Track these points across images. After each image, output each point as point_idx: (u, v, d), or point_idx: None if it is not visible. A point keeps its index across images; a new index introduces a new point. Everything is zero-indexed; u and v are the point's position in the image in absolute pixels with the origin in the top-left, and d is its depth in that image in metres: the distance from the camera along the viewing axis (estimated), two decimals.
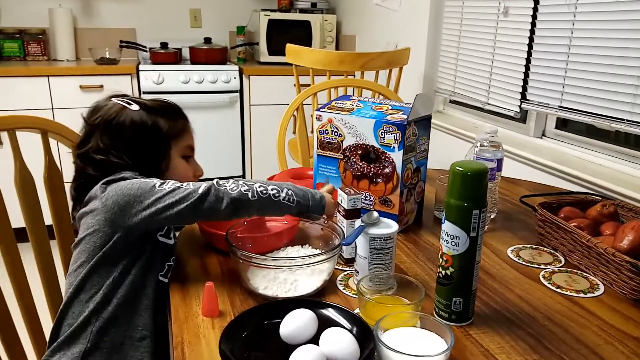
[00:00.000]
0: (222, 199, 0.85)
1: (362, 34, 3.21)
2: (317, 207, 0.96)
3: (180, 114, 1.05)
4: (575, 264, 1.00)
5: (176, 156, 1.01)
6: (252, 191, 0.87)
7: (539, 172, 1.76)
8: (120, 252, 0.87)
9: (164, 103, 1.03)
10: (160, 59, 3.06)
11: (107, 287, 0.86)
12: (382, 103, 1.19)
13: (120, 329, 0.86)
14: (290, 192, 0.92)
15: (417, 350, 0.64)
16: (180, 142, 1.02)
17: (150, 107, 0.99)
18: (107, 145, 0.94)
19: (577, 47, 1.65)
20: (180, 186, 0.86)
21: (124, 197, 0.85)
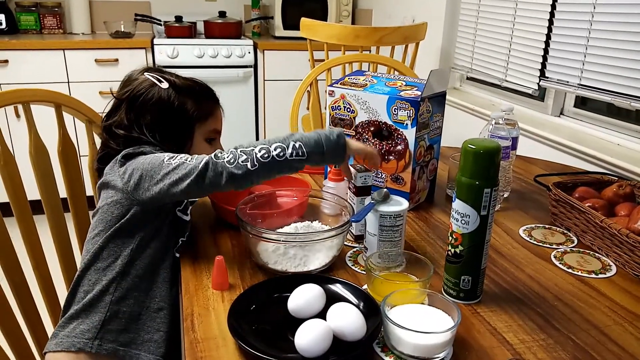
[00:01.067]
0: (221, 173, 0.82)
1: (379, 8, 3.15)
2: (336, 151, 0.87)
3: (211, 97, 1.03)
4: (588, 245, 0.99)
5: (199, 139, 1.00)
6: (252, 159, 0.82)
7: (556, 152, 1.73)
8: (138, 224, 0.88)
9: (196, 84, 1.02)
10: (175, 32, 3.04)
11: (125, 257, 0.87)
12: (396, 79, 1.17)
13: (139, 299, 0.87)
14: (298, 144, 0.84)
15: (423, 327, 0.64)
16: (205, 125, 1.01)
17: (180, 86, 0.98)
18: (131, 121, 0.95)
19: (598, 24, 1.60)
20: (185, 161, 0.84)
21: (137, 172, 0.85)
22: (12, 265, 1.06)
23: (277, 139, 0.85)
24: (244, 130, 3.15)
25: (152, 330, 0.87)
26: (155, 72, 1.00)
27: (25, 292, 1.09)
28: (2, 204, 1.04)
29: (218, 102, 1.05)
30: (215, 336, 0.70)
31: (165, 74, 1.01)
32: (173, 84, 0.98)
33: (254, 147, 0.83)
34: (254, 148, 0.83)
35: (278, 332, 0.70)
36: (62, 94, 1.15)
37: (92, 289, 0.86)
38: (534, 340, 0.71)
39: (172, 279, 0.91)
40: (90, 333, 0.84)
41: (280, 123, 3.02)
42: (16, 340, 1.07)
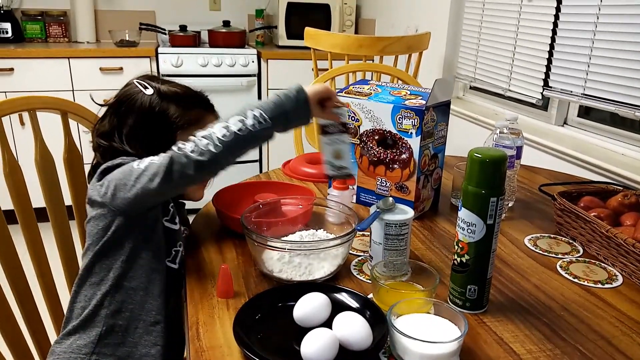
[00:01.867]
0: (186, 164, 0.78)
1: (382, 17, 3.17)
2: (299, 107, 0.84)
3: (199, 103, 1.00)
4: (593, 254, 0.99)
5: None
6: (213, 141, 0.78)
7: (560, 161, 1.73)
8: (124, 235, 0.86)
9: (184, 90, 1.00)
10: (179, 41, 3.06)
11: (117, 269, 0.85)
12: (400, 88, 1.17)
13: (134, 312, 0.86)
14: (258, 112, 0.81)
15: (430, 337, 0.64)
16: (189, 132, 0.92)
17: (164, 93, 0.96)
18: (113, 128, 0.94)
19: (602, 34, 1.61)
20: (152, 161, 0.81)
21: (112, 183, 0.84)
22: (16, 272, 1.06)
23: (236, 112, 0.81)
24: None
25: (148, 345, 0.85)
26: (146, 79, 0.98)
27: (29, 300, 1.09)
28: (7, 211, 1.04)
29: (210, 109, 1.02)
30: (220, 345, 0.70)
31: (156, 81, 0.99)
32: (157, 90, 0.96)
33: (212, 130, 0.80)
34: (213, 130, 0.80)
35: (284, 341, 0.70)
36: (69, 101, 1.15)
37: (89, 304, 0.86)
38: (541, 351, 0.70)
39: (167, 291, 0.89)
40: (87, 348, 0.83)
41: None
42: (19, 349, 1.06)
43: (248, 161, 3.18)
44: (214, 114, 1.02)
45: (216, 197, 1.08)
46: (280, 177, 1.34)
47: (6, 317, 1.03)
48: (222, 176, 1.05)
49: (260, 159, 3.25)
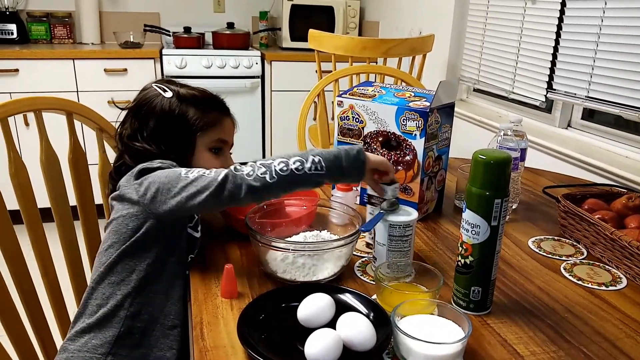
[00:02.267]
0: (240, 185, 0.80)
1: (386, 20, 3.17)
2: (356, 166, 0.86)
3: (217, 106, 1.02)
4: (597, 257, 0.99)
5: (201, 148, 0.99)
6: (271, 172, 0.81)
7: (563, 164, 1.73)
8: (154, 239, 0.86)
9: (202, 93, 1.02)
10: (183, 43, 3.07)
11: (141, 272, 0.85)
12: (404, 90, 1.18)
13: (153, 315, 0.86)
14: (318, 158, 0.84)
15: (434, 338, 0.64)
16: (208, 134, 0.99)
17: (183, 96, 0.98)
18: (135, 131, 0.96)
19: (606, 36, 1.61)
20: (203, 174, 0.83)
21: (154, 185, 0.84)
22: (21, 272, 1.06)
23: (297, 153, 0.85)
24: (251, 140, 3.17)
25: (164, 348, 0.85)
26: (164, 83, 1.00)
27: (34, 299, 1.09)
28: (13, 211, 1.04)
29: (226, 112, 1.04)
30: (224, 344, 0.70)
31: (174, 84, 1.01)
32: (177, 93, 0.98)
33: (272, 161, 0.83)
34: (273, 161, 0.83)
35: (287, 341, 0.70)
36: (74, 101, 1.16)
37: (106, 302, 0.85)
38: (545, 352, 0.70)
39: (184, 296, 0.90)
40: (104, 348, 0.83)
41: (287, 133, 3.03)
42: (23, 346, 1.07)
43: None
44: (231, 117, 1.04)
45: None
46: None
47: (12, 316, 1.04)
48: None
49: None
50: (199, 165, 0.96)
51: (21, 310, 1.07)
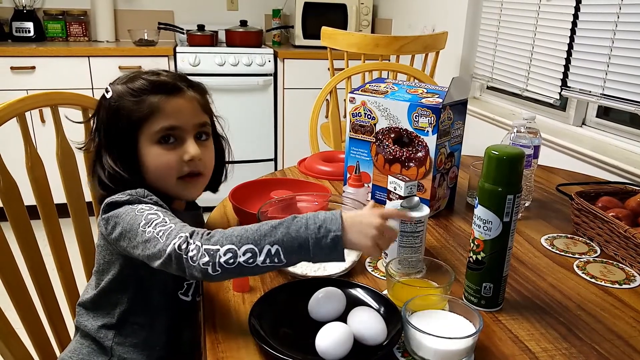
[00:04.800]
0: (184, 269, 0.69)
1: (399, 17, 3.16)
2: (329, 255, 0.68)
3: (155, 90, 0.85)
4: (611, 255, 0.98)
5: (146, 144, 0.85)
6: (214, 264, 0.67)
7: (578, 162, 1.72)
8: (130, 274, 0.82)
9: (139, 79, 0.86)
10: (197, 41, 3.09)
11: (122, 306, 0.85)
12: (417, 86, 1.17)
13: (138, 347, 0.86)
14: (275, 248, 0.67)
15: (444, 333, 0.64)
16: (148, 126, 0.84)
17: (120, 92, 0.86)
18: (98, 147, 0.87)
19: (622, 33, 1.59)
20: (156, 236, 0.72)
21: (118, 227, 0.77)
22: (37, 266, 1.08)
23: (253, 235, 0.68)
24: (264, 137, 3.18)
25: None
26: (116, 81, 0.89)
27: (49, 292, 1.11)
28: (29, 206, 1.06)
29: (172, 91, 0.86)
30: (236, 337, 0.71)
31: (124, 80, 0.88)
32: (117, 91, 0.86)
33: (219, 247, 0.67)
34: (220, 248, 0.67)
35: (299, 335, 0.71)
36: (90, 97, 1.17)
37: (95, 334, 0.86)
38: (557, 349, 0.70)
39: (179, 326, 0.88)
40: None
41: (299, 131, 3.04)
42: (39, 338, 1.08)
43: (263, 160, 3.20)
44: (183, 94, 0.87)
45: (233, 193, 1.09)
46: (296, 175, 1.35)
47: (28, 309, 1.05)
48: (238, 174, 1.06)
49: (275, 157, 3.27)
50: (152, 165, 0.85)
51: (37, 303, 1.08)
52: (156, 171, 0.85)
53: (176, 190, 0.88)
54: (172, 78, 0.87)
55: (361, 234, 0.68)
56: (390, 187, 0.94)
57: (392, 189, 0.93)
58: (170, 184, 0.86)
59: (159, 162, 0.84)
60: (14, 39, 3.03)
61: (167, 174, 0.85)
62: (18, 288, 1.03)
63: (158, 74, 0.88)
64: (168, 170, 0.85)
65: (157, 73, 0.88)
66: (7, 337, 0.98)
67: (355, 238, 0.68)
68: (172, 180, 0.86)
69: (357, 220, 0.69)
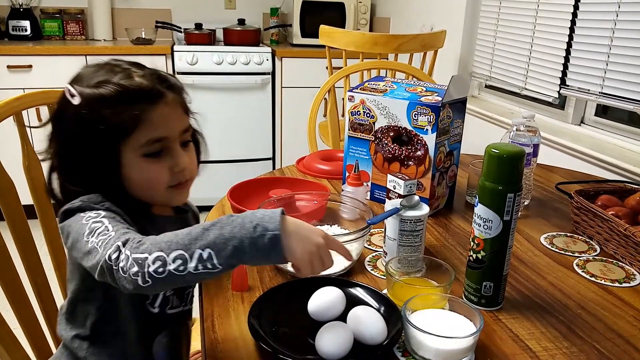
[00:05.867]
0: (115, 281, 0.64)
1: (397, 16, 3.16)
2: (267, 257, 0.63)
3: (136, 98, 0.74)
4: (611, 253, 0.98)
5: (132, 159, 0.75)
6: (143, 274, 0.61)
7: (576, 160, 1.71)
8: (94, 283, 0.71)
9: (109, 85, 0.74)
10: (195, 39, 3.08)
11: (93, 316, 0.80)
12: (416, 85, 1.17)
13: (114, 357, 0.82)
14: (207, 253, 0.61)
15: (445, 332, 0.63)
16: (133, 139, 0.74)
17: (91, 97, 0.73)
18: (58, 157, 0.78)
19: (621, 31, 1.59)
20: (95, 246, 0.66)
21: (70, 238, 0.72)
22: (34, 266, 1.07)
23: (184, 240, 0.62)
24: (262, 136, 3.17)
25: None
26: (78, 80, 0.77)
27: (47, 293, 1.10)
28: (26, 206, 1.05)
29: (155, 98, 0.76)
30: (235, 337, 0.70)
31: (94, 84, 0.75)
32: (85, 96, 0.74)
33: (147, 255, 0.62)
34: (148, 257, 0.61)
35: (298, 334, 0.70)
36: None
37: (70, 343, 0.82)
38: (557, 348, 0.70)
39: (151, 336, 0.83)
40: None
41: (297, 130, 3.03)
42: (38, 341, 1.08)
43: (261, 159, 3.20)
44: (167, 100, 0.77)
45: (231, 192, 1.09)
46: (295, 174, 1.35)
47: (25, 309, 1.05)
48: (237, 172, 1.06)
49: (273, 156, 3.26)
50: (140, 180, 0.77)
51: (35, 304, 1.08)
52: (143, 184, 0.78)
53: (164, 199, 0.81)
54: (149, 81, 0.76)
55: (301, 242, 0.63)
56: (389, 185, 0.93)
57: (391, 187, 0.93)
58: (159, 194, 0.80)
59: (146, 176, 0.77)
60: (10, 37, 3.01)
61: (155, 187, 0.78)
62: (15, 288, 1.03)
63: (130, 74, 0.76)
64: (157, 183, 0.78)
65: (128, 74, 0.76)
66: (4, 338, 0.97)
67: (293, 246, 0.62)
68: (161, 191, 0.79)
69: (302, 227, 0.65)
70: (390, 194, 0.93)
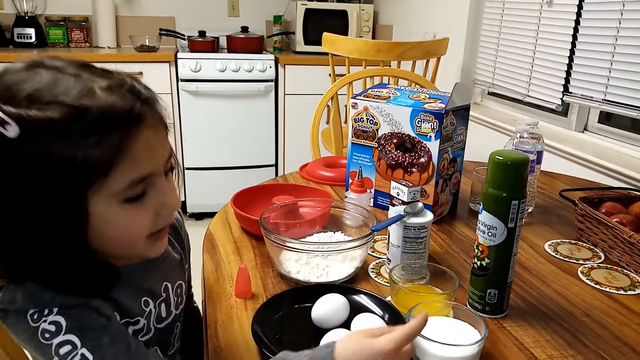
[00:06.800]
0: None
1: (400, 24, 3.17)
2: None
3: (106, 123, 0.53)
4: (615, 261, 0.97)
5: (107, 208, 0.56)
6: None
7: (580, 167, 1.71)
8: None
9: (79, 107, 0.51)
10: (198, 47, 3.09)
11: None
12: (419, 92, 1.17)
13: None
14: None
15: (449, 340, 0.63)
16: (112, 180, 0.54)
17: (35, 121, 0.50)
18: None
19: (624, 38, 1.59)
20: None
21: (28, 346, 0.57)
22: None
23: None
24: (265, 143, 3.17)
25: None
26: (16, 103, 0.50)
27: None
28: None
29: (138, 122, 0.55)
30: (238, 344, 0.70)
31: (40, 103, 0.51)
32: (22, 121, 0.49)
33: None
34: None
35: (302, 342, 0.69)
36: None
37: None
38: (563, 357, 0.69)
39: None
40: None
41: (300, 137, 3.04)
42: None
43: (263, 165, 3.20)
44: (147, 122, 0.56)
45: (234, 198, 1.09)
46: (298, 180, 1.35)
47: None
48: (240, 179, 1.06)
49: (276, 163, 3.26)
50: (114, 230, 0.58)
51: None
52: (121, 238, 0.59)
53: (141, 252, 0.64)
54: (122, 97, 0.54)
55: None
56: (393, 192, 0.93)
57: (395, 194, 0.93)
58: (137, 247, 0.62)
59: (126, 227, 0.58)
60: (15, 44, 3.03)
61: (135, 239, 0.60)
62: None
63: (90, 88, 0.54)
64: (138, 234, 0.60)
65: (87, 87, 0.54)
66: None
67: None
68: (141, 243, 0.61)
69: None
70: (394, 200, 0.93)
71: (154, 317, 0.70)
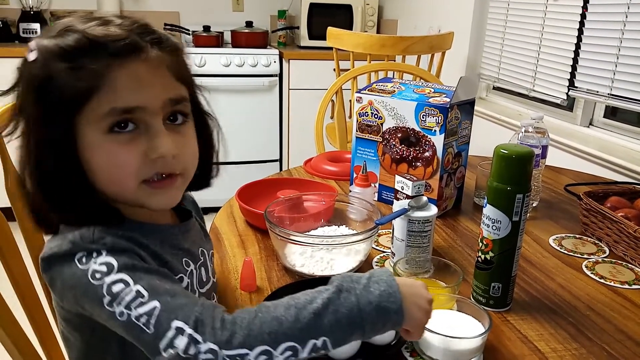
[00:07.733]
0: None
1: (404, 18, 3.16)
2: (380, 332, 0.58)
3: (98, 48, 0.55)
4: (620, 255, 0.97)
5: (89, 135, 0.57)
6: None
7: (585, 162, 1.71)
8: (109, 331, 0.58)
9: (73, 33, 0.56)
10: (203, 42, 3.09)
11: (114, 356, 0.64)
12: (424, 86, 1.17)
13: None
14: (322, 341, 0.54)
15: (453, 332, 0.63)
16: (92, 106, 0.56)
17: (49, 50, 0.56)
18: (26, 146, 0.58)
19: (630, 32, 1.58)
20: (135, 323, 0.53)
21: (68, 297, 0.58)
22: None
23: (292, 329, 0.53)
24: (269, 137, 3.18)
25: None
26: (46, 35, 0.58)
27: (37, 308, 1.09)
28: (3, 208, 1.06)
29: (129, 51, 0.57)
30: None
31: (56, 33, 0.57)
32: (41, 49, 0.57)
33: (248, 351, 0.52)
34: (249, 353, 0.52)
35: None
36: None
37: None
38: (567, 350, 0.69)
39: None
40: None
41: (304, 131, 3.04)
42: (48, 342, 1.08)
43: (268, 160, 3.20)
44: (145, 57, 0.58)
45: (239, 192, 1.09)
46: (302, 175, 1.35)
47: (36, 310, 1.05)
48: (244, 174, 1.06)
49: (280, 158, 3.27)
50: (100, 164, 0.58)
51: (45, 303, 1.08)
52: (107, 174, 0.58)
53: (136, 198, 0.61)
54: (126, 29, 0.58)
55: (418, 311, 0.58)
56: (397, 186, 0.94)
57: (399, 188, 0.93)
58: (129, 190, 0.60)
59: (109, 162, 0.58)
60: (21, 40, 3.04)
61: (123, 178, 0.58)
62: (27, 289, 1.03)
63: (107, 21, 0.58)
64: (124, 173, 0.58)
65: (106, 20, 0.59)
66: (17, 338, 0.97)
67: (414, 316, 0.57)
68: (132, 187, 0.59)
69: (413, 291, 0.59)
70: (399, 194, 0.93)
71: (196, 279, 0.68)
